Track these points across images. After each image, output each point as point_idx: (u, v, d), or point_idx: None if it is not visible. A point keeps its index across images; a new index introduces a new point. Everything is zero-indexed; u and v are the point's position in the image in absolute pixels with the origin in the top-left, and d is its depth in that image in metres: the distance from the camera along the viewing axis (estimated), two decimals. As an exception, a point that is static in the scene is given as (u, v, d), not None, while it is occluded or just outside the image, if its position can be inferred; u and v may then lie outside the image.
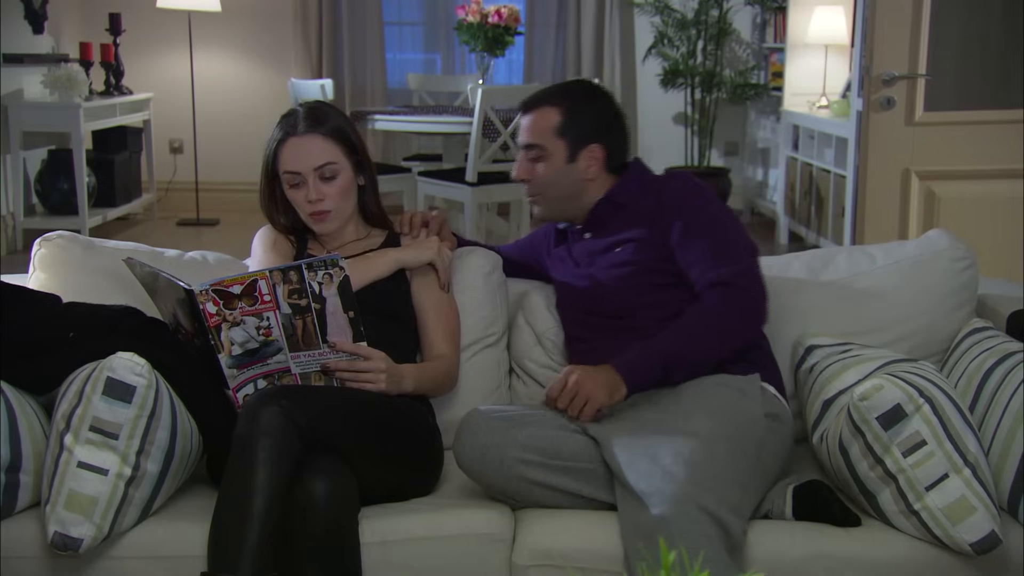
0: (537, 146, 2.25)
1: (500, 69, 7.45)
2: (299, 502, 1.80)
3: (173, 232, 6.75)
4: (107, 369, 1.84)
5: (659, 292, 2.16)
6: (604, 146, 2.25)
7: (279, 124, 2.22)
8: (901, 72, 3.48)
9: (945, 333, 2.31)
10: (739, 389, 2.01)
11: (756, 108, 7.20)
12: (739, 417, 1.95)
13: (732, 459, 1.86)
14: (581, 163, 2.24)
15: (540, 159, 2.25)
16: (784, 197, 6.46)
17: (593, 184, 2.26)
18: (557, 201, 2.28)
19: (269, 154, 2.21)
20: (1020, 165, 3.50)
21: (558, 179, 2.24)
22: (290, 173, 2.18)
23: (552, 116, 2.24)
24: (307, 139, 2.17)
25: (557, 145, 2.23)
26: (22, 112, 5.97)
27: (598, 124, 2.26)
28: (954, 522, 1.80)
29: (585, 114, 2.25)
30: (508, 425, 1.96)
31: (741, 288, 2.08)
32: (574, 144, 2.23)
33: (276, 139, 2.20)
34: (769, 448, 1.96)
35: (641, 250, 2.18)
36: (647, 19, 7.07)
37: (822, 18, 6.22)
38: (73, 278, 2.30)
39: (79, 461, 1.82)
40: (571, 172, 2.24)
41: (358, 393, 1.99)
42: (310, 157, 2.17)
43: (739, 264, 2.10)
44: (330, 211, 2.20)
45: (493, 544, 1.91)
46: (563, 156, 2.24)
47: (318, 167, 2.17)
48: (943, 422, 1.84)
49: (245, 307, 1.92)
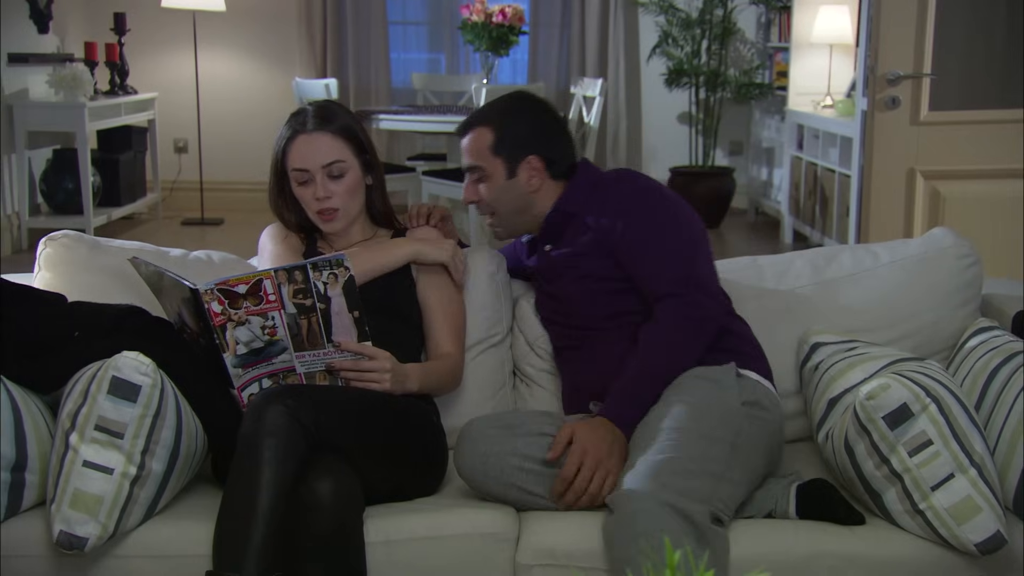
0: (477, 167, 2.26)
1: (504, 69, 7.45)
2: (304, 501, 1.80)
3: (177, 231, 6.75)
4: (112, 368, 1.84)
5: (622, 299, 2.15)
6: (541, 156, 2.24)
7: (288, 122, 2.22)
8: (906, 72, 3.47)
9: (949, 331, 2.30)
10: (715, 380, 2.01)
11: (761, 107, 7.19)
12: (715, 408, 1.95)
13: (702, 450, 1.86)
14: (522, 177, 2.24)
15: (482, 180, 2.26)
16: (788, 197, 6.45)
17: (540, 194, 2.25)
18: (509, 217, 2.28)
19: (278, 151, 2.21)
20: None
21: (503, 196, 2.25)
22: (298, 171, 2.18)
23: (485, 135, 2.24)
24: (316, 137, 2.17)
25: (495, 163, 2.24)
26: (27, 112, 5.98)
27: (531, 135, 2.25)
28: (959, 522, 1.80)
29: (517, 128, 2.25)
30: (507, 434, 1.98)
31: (686, 298, 2.06)
32: (511, 159, 2.23)
33: (285, 136, 2.20)
34: (749, 436, 1.95)
35: (597, 262, 2.17)
36: (651, 18, 7.06)
37: (827, 17, 6.21)
38: (78, 277, 2.30)
39: (84, 460, 1.82)
40: (514, 187, 2.24)
41: (363, 393, 2.00)
42: (319, 155, 2.17)
43: (683, 271, 2.09)
44: (337, 209, 2.20)
45: (497, 544, 1.91)
46: (503, 173, 2.24)
47: (326, 165, 2.17)
48: (949, 422, 1.84)
49: (250, 306, 1.92)
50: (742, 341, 2.15)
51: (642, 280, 2.12)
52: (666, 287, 2.07)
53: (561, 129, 2.30)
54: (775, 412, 2.06)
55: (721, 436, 1.91)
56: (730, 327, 2.15)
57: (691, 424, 1.90)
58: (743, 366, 2.09)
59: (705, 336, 2.07)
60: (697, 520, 1.75)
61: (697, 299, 2.07)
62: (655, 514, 1.73)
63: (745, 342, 2.16)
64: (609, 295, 2.16)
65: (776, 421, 2.05)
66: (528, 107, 2.30)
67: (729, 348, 2.10)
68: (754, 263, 2.43)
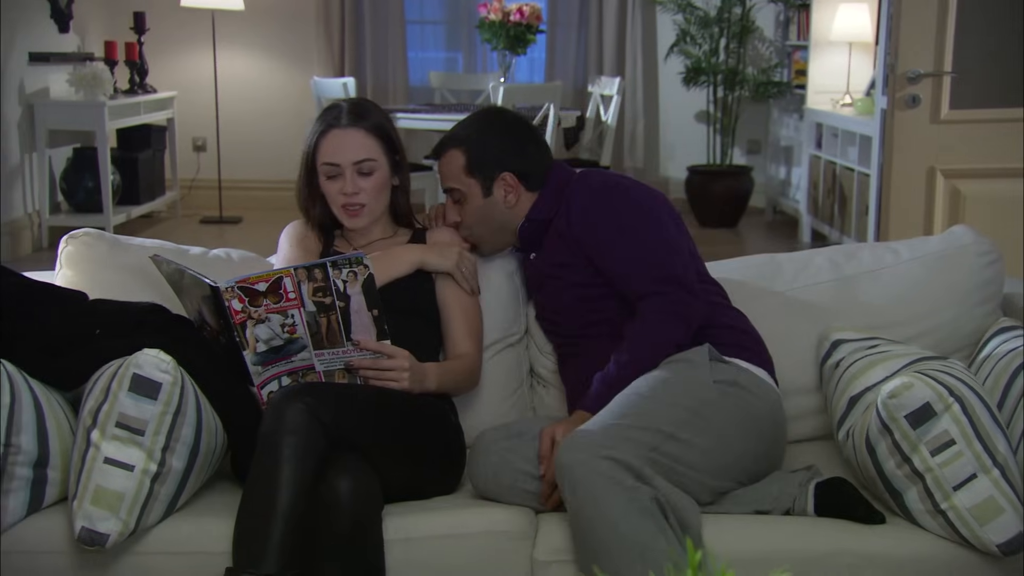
0: (454, 189, 2.26)
1: (522, 67, 7.44)
2: (323, 499, 1.81)
3: (196, 230, 6.78)
4: (133, 366, 1.85)
5: (609, 304, 2.15)
6: (515, 172, 2.24)
7: (321, 116, 2.23)
8: (926, 70, 3.45)
9: (970, 328, 2.29)
10: (686, 360, 2.02)
11: (779, 106, 7.16)
12: (681, 381, 1.97)
13: (654, 411, 1.89)
14: (498, 194, 2.24)
15: (461, 201, 2.26)
16: (807, 195, 6.42)
17: (518, 209, 2.25)
18: (491, 235, 2.29)
19: (310, 145, 2.22)
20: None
21: (483, 215, 2.25)
22: (328, 164, 2.19)
23: (458, 158, 2.24)
24: (349, 132, 2.19)
25: (470, 184, 2.24)
26: (48, 111, 6.02)
27: (503, 152, 2.24)
28: (981, 523, 1.79)
29: (487, 147, 2.24)
30: (517, 443, 2.01)
31: (670, 296, 2.06)
32: (485, 178, 2.23)
33: (318, 131, 2.21)
34: (719, 408, 1.95)
35: (573, 271, 2.17)
36: (669, 17, 7.05)
37: (846, 15, 6.18)
38: (99, 275, 2.31)
39: (106, 457, 1.83)
40: (492, 206, 2.24)
41: (382, 391, 2.00)
42: (350, 150, 2.18)
43: (659, 270, 2.08)
44: (364, 205, 2.20)
45: (515, 541, 1.91)
46: (479, 193, 2.24)
47: (357, 162, 2.18)
48: (972, 422, 1.82)
49: (270, 304, 1.92)
50: (733, 332, 2.14)
51: (619, 282, 2.13)
52: (645, 287, 2.08)
53: (533, 139, 2.30)
54: (762, 397, 2.04)
55: (680, 403, 1.93)
56: (720, 319, 2.14)
57: (647, 392, 1.94)
58: (732, 355, 2.08)
59: (687, 332, 2.07)
60: (633, 464, 1.77)
61: (680, 296, 2.07)
62: (589, 465, 1.76)
63: (738, 333, 2.15)
64: (595, 301, 2.16)
65: (763, 406, 2.03)
66: (497, 123, 2.30)
67: (719, 340, 2.09)
68: (772, 260, 2.43)
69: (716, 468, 1.93)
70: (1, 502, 1.85)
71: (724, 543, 1.84)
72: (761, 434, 2.01)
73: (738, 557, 1.81)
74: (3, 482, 1.85)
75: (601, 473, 1.76)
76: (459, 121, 2.32)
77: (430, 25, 7.72)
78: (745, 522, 1.91)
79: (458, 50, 7.66)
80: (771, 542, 1.86)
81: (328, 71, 7.20)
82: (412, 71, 7.55)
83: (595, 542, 1.76)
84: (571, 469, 1.79)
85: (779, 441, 2.08)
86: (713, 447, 1.92)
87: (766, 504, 1.95)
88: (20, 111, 5.88)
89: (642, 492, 1.76)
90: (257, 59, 7.42)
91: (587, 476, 1.76)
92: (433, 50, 7.75)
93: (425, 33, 7.74)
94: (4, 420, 1.83)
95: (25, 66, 5.93)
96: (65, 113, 6.10)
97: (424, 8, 7.65)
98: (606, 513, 1.74)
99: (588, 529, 1.76)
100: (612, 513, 1.74)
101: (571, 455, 1.80)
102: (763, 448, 2.01)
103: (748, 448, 1.98)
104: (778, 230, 6.85)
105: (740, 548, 1.85)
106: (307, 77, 6.66)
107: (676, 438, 1.88)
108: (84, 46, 6.71)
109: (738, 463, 1.96)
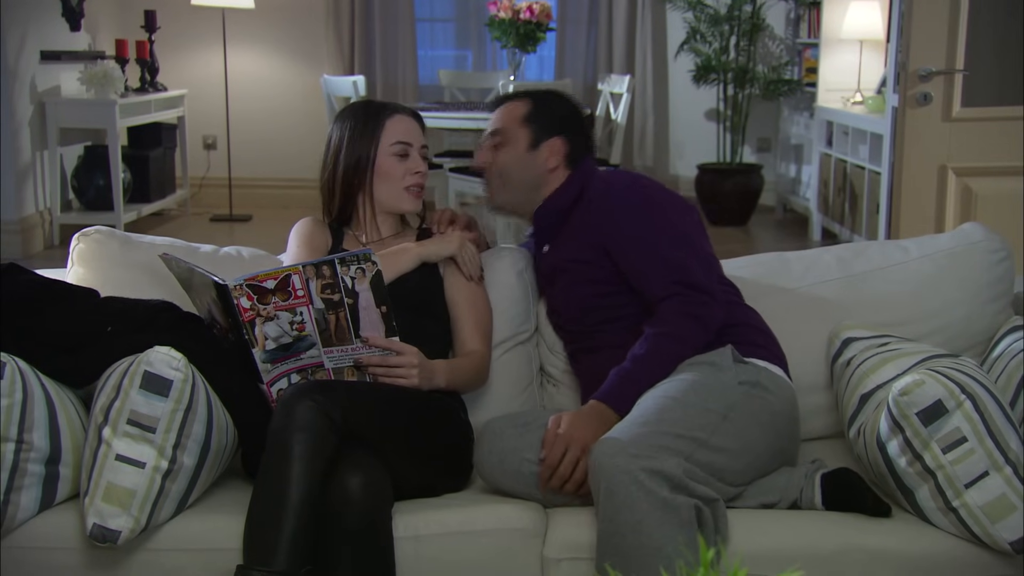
0: (501, 131, 2.27)
1: (531, 65, 7.44)
2: (333, 496, 1.81)
3: (206, 228, 6.80)
4: (144, 363, 1.86)
5: (617, 304, 2.15)
6: (567, 141, 2.25)
7: (365, 106, 2.31)
8: (938, 67, 3.44)
9: (981, 326, 2.28)
10: (711, 363, 2.02)
11: (789, 104, 7.15)
12: (708, 384, 1.96)
13: (685, 418, 1.88)
14: (542, 153, 2.25)
15: (502, 145, 2.26)
16: (817, 194, 6.41)
17: (551, 177, 2.26)
18: (512, 191, 2.27)
19: (373, 126, 2.26)
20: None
21: (517, 166, 2.25)
22: (401, 143, 2.26)
23: (520, 106, 2.28)
24: (410, 119, 2.30)
25: (521, 132, 2.25)
26: (59, 109, 6.04)
27: (564, 119, 2.28)
28: (993, 520, 1.79)
29: (552, 108, 2.29)
30: (524, 431, 2.00)
31: (690, 297, 2.06)
32: (537, 133, 2.25)
33: (378, 113, 2.27)
34: (745, 411, 1.95)
35: (591, 267, 2.17)
36: (679, 14, 7.03)
37: (857, 13, 6.16)
38: (111, 273, 2.32)
39: (117, 454, 1.84)
40: (531, 160, 2.25)
41: (391, 388, 2.00)
42: (416, 134, 2.29)
43: (679, 274, 2.08)
44: (424, 186, 2.29)
45: (525, 538, 1.91)
46: (525, 144, 2.25)
47: (422, 146, 2.29)
48: (984, 419, 1.82)
49: (279, 302, 1.93)
50: (749, 330, 2.14)
51: (639, 282, 2.12)
52: (665, 288, 2.07)
53: (588, 130, 2.34)
54: (781, 395, 2.04)
55: (711, 408, 1.92)
56: (736, 318, 2.14)
57: (679, 396, 1.92)
58: (750, 354, 2.08)
59: (707, 334, 2.06)
60: (672, 474, 1.75)
61: (700, 299, 2.06)
62: (629, 472, 1.75)
63: (753, 331, 2.15)
64: (609, 297, 2.16)
65: (782, 404, 2.03)
66: (566, 99, 2.35)
67: (737, 339, 2.09)
68: (780, 258, 2.42)
69: (740, 470, 1.93)
70: (13, 498, 1.86)
71: (734, 539, 1.84)
72: (779, 432, 2.01)
73: (748, 553, 1.82)
74: (15, 479, 1.86)
75: (640, 483, 1.74)
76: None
77: (440, 23, 7.72)
78: (755, 518, 1.91)
79: (468, 48, 7.66)
80: (781, 539, 1.86)
81: (338, 69, 7.21)
82: (422, 69, 7.55)
83: (626, 548, 1.74)
84: (609, 474, 1.76)
85: (795, 438, 2.08)
86: (739, 449, 1.92)
87: (773, 496, 1.95)
88: (32, 109, 5.90)
89: (679, 502, 1.74)
90: (267, 57, 7.43)
91: (625, 484, 1.74)
92: (443, 48, 7.75)
93: (435, 31, 7.74)
94: (16, 417, 1.84)
95: (36, 64, 5.94)
96: (76, 111, 6.12)
97: (434, 6, 7.65)
98: (643, 521, 1.72)
99: (619, 534, 1.75)
100: (649, 522, 1.72)
101: (609, 460, 1.77)
102: (780, 445, 2.01)
103: (769, 446, 1.98)
104: (788, 228, 6.83)
105: (750, 544, 1.84)
106: (317, 75, 6.67)
107: (708, 445, 1.87)
108: (95, 44, 6.73)
109: (758, 461, 1.96)
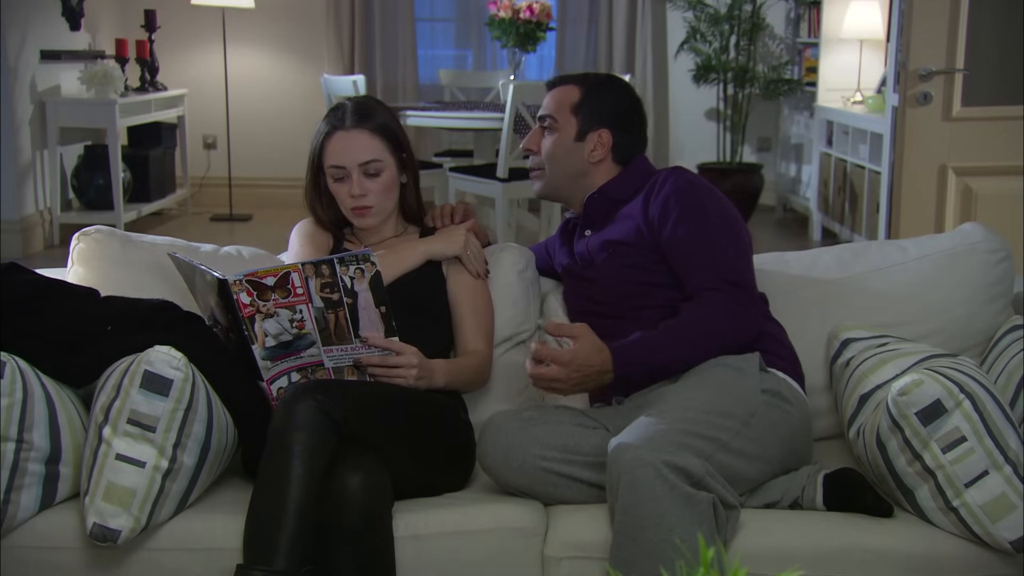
0: (550, 117, 2.28)
1: (531, 65, 7.44)
2: (333, 496, 1.81)
3: (206, 227, 6.80)
4: (145, 363, 1.86)
5: (655, 293, 2.15)
6: (614, 134, 2.26)
7: (327, 117, 2.23)
8: (938, 67, 3.44)
9: (980, 326, 2.28)
10: (737, 368, 2.02)
11: (789, 104, 7.15)
12: (732, 390, 1.96)
13: (707, 421, 1.88)
14: (588, 144, 2.26)
15: (550, 131, 2.28)
16: (818, 193, 6.41)
17: (596, 169, 2.27)
18: (557, 178, 2.29)
19: (315, 146, 2.22)
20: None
21: (562, 154, 2.26)
22: (335, 167, 2.20)
23: (572, 93, 2.28)
24: (353, 134, 2.18)
25: (569, 121, 2.26)
26: (59, 108, 6.04)
27: (614, 111, 2.27)
28: (994, 519, 1.79)
29: (604, 99, 2.27)
30: (528, 425, 1.99)
31: (737, 297, 2.06)
32: (585, 123, 2.25)
33: (323, 132, 2.21)
34: (764, 420, 1.95)
35: (636, 252, 2.17)
36: (679, 14, 7.03)
37: (857, 12, 6.16)
38: (111, 272, 2.32)
39: (117, 453, 1.84)
40: (576, 150, 2.26)
41: (392, 388, 2.00)
42: (355, 152, 2.18)
43: (732, 273, 2.08)
44: (372, 207, 2.21)
45: (525, 537, 1.91)
46: (572, 133, 2.26)
47: (363, 163, 2.18)
48: (984, 419, 1.82)
49: (279, 299, 1.93)
50: (773, 342, 2.15)
51: (688, 277, 2.11)
52: (713, 282, 2.07)
53: (641, 121, 2.32)
54: (799, 408, 2.05)
55: (733, 413, 1.92)
56: (765, 330, 2.15)
57: (703, 400, 1.92)
58: (772, 365, 2.08)
59: (740, 336, 2.06)
60: (694, 472, 1.76)
61: (744, 300, 2.07)
62: (653, 466, 1.75)
63: (776, 343, 2.16)
64: (644, 287, 2.16)
65: (799, 417, 2.04)
66: (622, 89, 2.33)
67: (763, 348, 2.10)
68: (781, 258, 2.43)
69: (752, 477, 1.93)
70: (13, 498, 1.86)
71: (735, 539, 1.84)
72: (793, 449, 2.02)
73: (749, 553, 1.82)
74: (15, 478, 1.86)
75: (664, 476, 1.74)
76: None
77: (440, 23, 7.72)
78: (756, 517, 1.91)
79: (468, 48, 7.66)
80: (782, 538, 1.86)
81: (338, 68, 7.21)
82: (422, 68, 7.55)
83: (645, 541, 1.74)
84: (632, 467, 1.76)
85: (807, 453, 2.08)
86: (755, 456, 1.93)
87: (775, 495, 1.96)
88: (32, 109, 5.90)
89: (700, 498, 1.75)
90: (267, 57, 7.43)
91: (648, 477, 1.74)
92: (443, 47, 7.75)
93: (435, 30, 7.74)
94: (16, 416, 1.84)
95: (36, 64, 5.94)
96: (76, 111, 6.12)
97: (434, 6, 7.65)
98: (665, 514, 1.73)
99: (639, 527, 1.74)
100: (670, 516, 1.72)
101: (633, 452, 1.77)
102: (790, 462, 2.02)
103: (781, 460, 1.99)
104: (788, 228, 6.83)
105: (751, 544, 1.84)
106: (317, 75, 6.67)
107: (728, 448, 1.88)
108: (95, 44, 6.73)
109: (768, 469, 1.97)
